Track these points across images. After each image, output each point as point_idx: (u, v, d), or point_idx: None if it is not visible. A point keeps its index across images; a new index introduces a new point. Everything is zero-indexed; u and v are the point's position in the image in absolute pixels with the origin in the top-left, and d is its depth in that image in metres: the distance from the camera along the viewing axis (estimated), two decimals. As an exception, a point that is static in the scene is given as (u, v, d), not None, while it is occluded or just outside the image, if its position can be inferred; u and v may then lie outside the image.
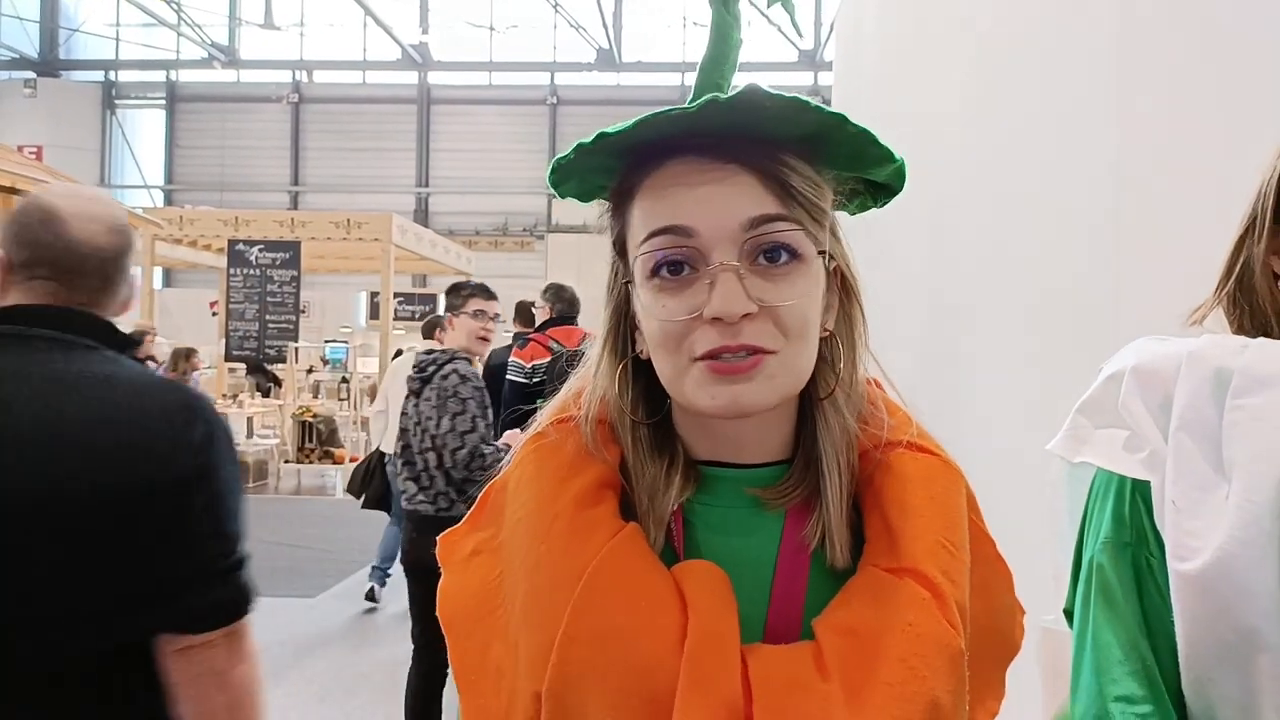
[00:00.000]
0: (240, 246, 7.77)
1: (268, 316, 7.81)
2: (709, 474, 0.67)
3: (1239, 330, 0.86)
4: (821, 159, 0.64)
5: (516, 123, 18.87)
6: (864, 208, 0.72)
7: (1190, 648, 0.76)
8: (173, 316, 11.72)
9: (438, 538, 0.70)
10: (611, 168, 0.65)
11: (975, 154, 2.22)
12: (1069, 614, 0.90)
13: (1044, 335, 1.68)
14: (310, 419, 8.09)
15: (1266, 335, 0.83)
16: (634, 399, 0.67)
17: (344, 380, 9.47)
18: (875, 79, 3.73)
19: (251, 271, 7.74)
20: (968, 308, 2.20)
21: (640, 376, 0.67)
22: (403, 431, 2.89)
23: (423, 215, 18.68)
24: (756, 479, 0.67)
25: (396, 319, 8.47)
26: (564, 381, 0.73)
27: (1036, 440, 1.00)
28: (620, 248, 0.66)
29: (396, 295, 10.99)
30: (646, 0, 18.32)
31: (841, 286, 0.68)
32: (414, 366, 2.92)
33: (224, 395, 8.86)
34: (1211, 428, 0.77)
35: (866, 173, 0.67)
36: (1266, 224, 0.82)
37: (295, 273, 8.04)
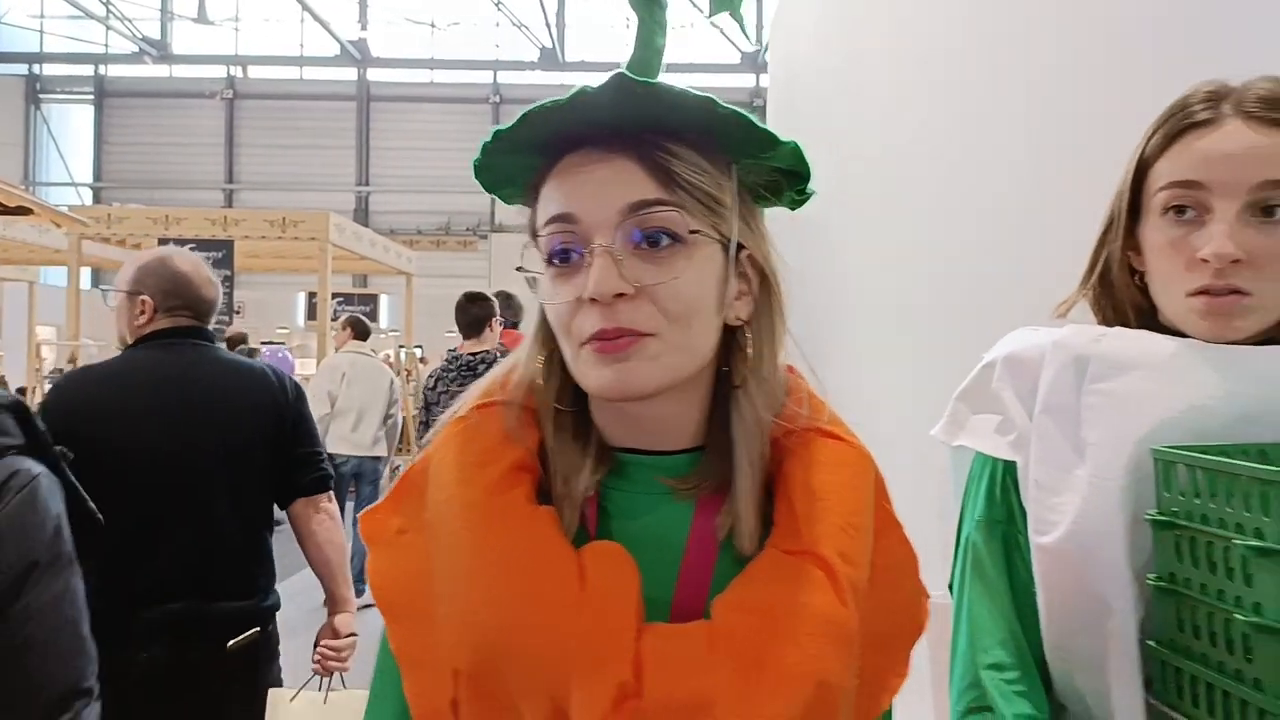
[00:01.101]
0: (170, 245, 7.59)
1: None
2: (624, 460, 0.69)
3: (1103, 322, 0.92)
4: (719, 147, 0.66)
5: (459, 121, 18.69)
6: (795, 203, 0.74)
7: (1049, 615, 0.82)
8: (101, 317, 11.35)
9: (359, 515, 0.71)
10: (531, 164, 0.68)
11: (900, 154, 2.30)
12: (952, 588, 0.96)
13: (946, 325, 1.75)
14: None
15: (1125, 326, 0.89)
16: (559, 387, 0.70)
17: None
18: (810, 83, 3.81)
19: (183, 271, 7.56)
20: (903, 307, 2.27)
21: (565, 364, 0.69)
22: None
23: (363, 214, 18.41)
24: (670, 466, 0.69)
25: (336, 319, 8.34)
26: None
27: (926, 429, 1.05)
28: (533, 235, 0.69)
29: (336, 295, 10.82)
30: (590, 0, 18.31)
31: (760, 277, 0.70)
32: (462, 365, 2.95)
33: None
34: (1071, 411, 0.83)
35: (765, 159, 0.69)
36: (1123, 222, 0.88)
37: (228, 272, 7.87)
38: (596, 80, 0.61)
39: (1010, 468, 0.89)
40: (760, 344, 0.69)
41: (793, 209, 0.74)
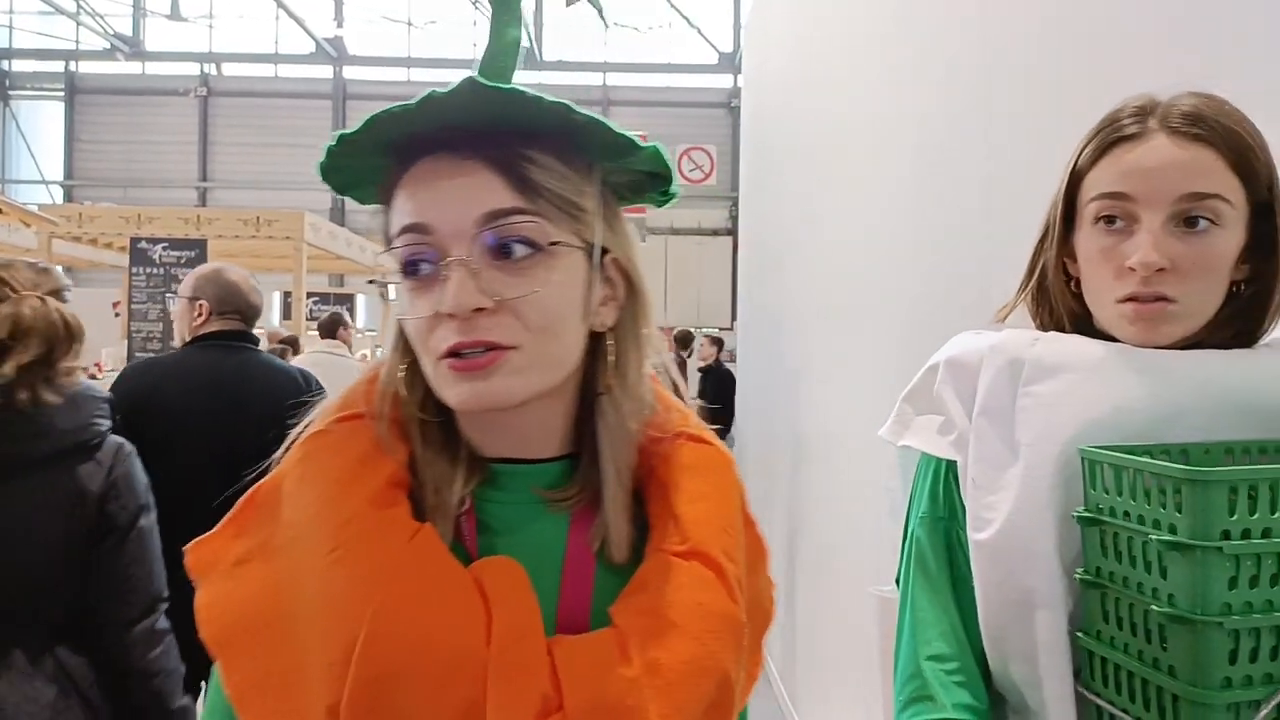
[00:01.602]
0: (143, 244, 7.50)
1: (172, 317, 7.59)
2: (497, 470, 0.68)
3: (1040, 326, 0.96)
4: (579, 150, 0.65)
5: (436, 120, 18.57)
6: (658, 203, 0.73)
7: (986, 608, 0.86)
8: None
9: (185, 547, 0.66)
10: (385, 166, 0.66)
11: (861, 158, 2.34)
12: (899, 583, 0.99)
13: (899, 328, 1.79)
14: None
15: (1061, 330, 0.93)
16: (423, 397, 0.67)
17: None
18: (782, 83, 3.84)
19: (155, 270, 7.49)
20: (853, 307, 2.31)
21: None
22: None
23: (339, 213, 18.27)
24: (543, 474, 0.68)
25: (311, 319, 8.29)
26: None
27: (875, 431, 1.08)
28: (389, 244, 0.66)
29: (311, 295, 10.75)
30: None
31: (625, 282, 0.69)
32: None
33: (128, 398, 8.52)
34: (1006, 412, 0.87)
35: (625, 161, 0.68)
36: (1058, 230, 0.92)
37: (203, 272, 7.82)
38: (575, 80, 0.61)
39: (953, 466, 0.93)
40: (626, 350, 0.69)
41: (658, 207, 0.75)
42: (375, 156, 0.65)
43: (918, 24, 2.00)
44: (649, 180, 0.71)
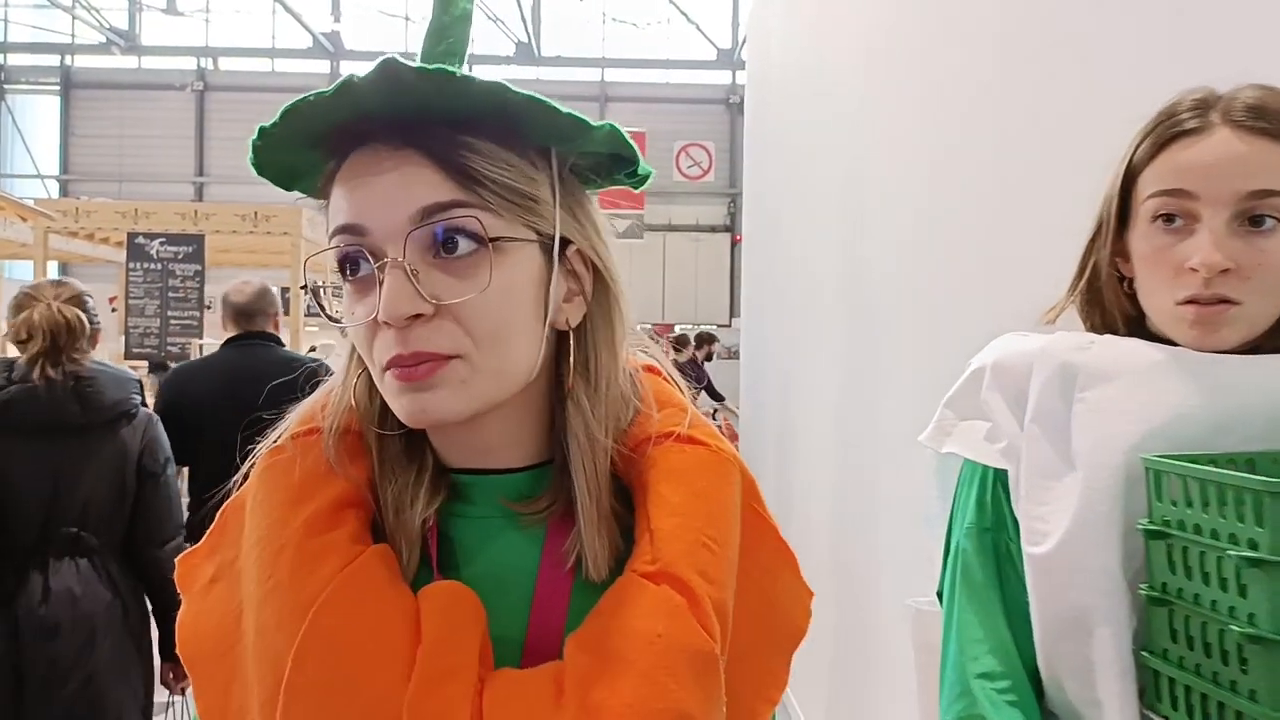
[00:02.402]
0: (140, 240, 7.44)
1: (170, 313, 7.51)
2: (463, 482, 0.63)
3: (1091, 328, 0.92)
4: (524, 137, 0.60)
5: (433, 115, 18.53)
6: (628, 184, 0.67)
7: (1041, 624, 0.82)
8: (69, 313, 11.14)
9: (176, 560, 0.64)
10: (321, 159, 0.61)
11: (878, 155, 2.30)
12: (941, 596, 0.95)
13: (902, 333, 1.75)
14: (217, 418, 7.78)
15: (1114, 333, 0.89)
16: (381, 408, 0.62)
17: (253, 378, 9.19)
18: (783, 79, 3.81)
19: (152, 266, 7.43)
20: (874, 307, 2.28)
21: None
22: None
23: (336, 209, 18.23)
24: (512, 485, 0.63)
25: (309, 315, 8.24)
26: None
27: (906, 434, 1.05)
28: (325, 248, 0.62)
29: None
30: (565, -6, 18.24)
31: (593, 274, 0.63)
32: None
33: (125, 395, 8.46)
34: (1060, 419, 0.83)
35: (578, 144, 0.62)
36: (1112, 228, 0.88)
37: (199, 267, 7.74)
38: (573, 75, 0.56)
39: (1000, 475, 0.89)
40: (595, 349, 0.63)
41: (636, 189, 0.68)
42: (304, 150, 0.60)
43: (929, 8, 1.96)
44: (612, 162, 0.65)
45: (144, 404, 2.14)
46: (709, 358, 8.65)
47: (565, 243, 0.61)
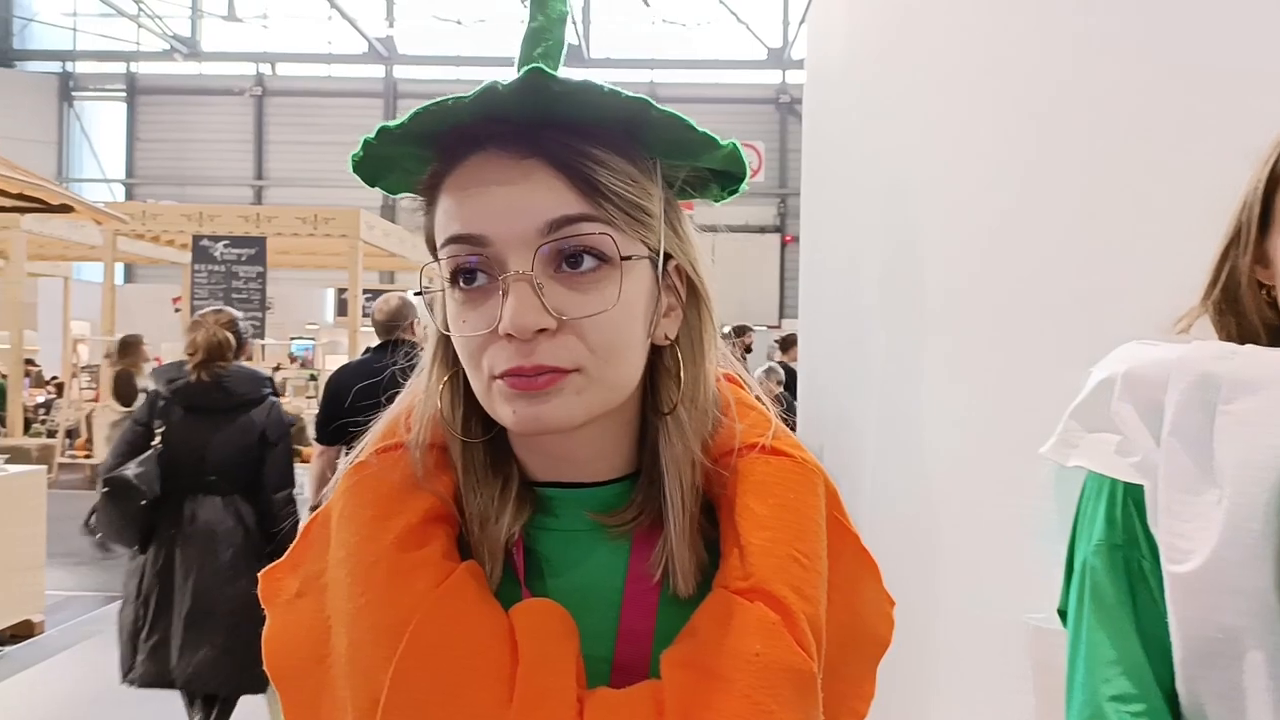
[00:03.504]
0: (205, 242, 7.64)
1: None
2: (549, 496, 0.62)
3: (1226, 337, 0.88)
4: (644, 148, 0.59)
5: (485, 118, 18.73)
6: (718, 197, 0.67)
7: (1183, 647, 0.79)
8: (132, 314, 11.49)
9: (259, 574, 0.64)
10: (426, 158, 0.60)
11: (949, 153, 2.25)
12: (1063, 614, 0.92)
13: (1017, 340, 1.71)
14: (278, 417, 7.96)
15: (1254, 342, 0.85)
16: (465, 415, 0.62)
17: (312, 378, 9.38)
18: (843, 79, 3.76)
19: (216, 268, 7.63)
20: (943, 311, 2.23)
21: (472, 390, 0.61)
22: None
23: (390, 210, 18.53)
24: (598, 498, 0.62)
25: (365, 316, 8.38)
26: None
27: (1018, 443, 1.02)
28: (432, 247, 0.60)
29: (364, 292, 10.89)
30: (615, -4, 18.29)
31: (687, 289, 0.63)
32: None
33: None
34: (1201, 433, 0.80)
35: (697, 160, 0.61)
36: (1252, 235, 0.85)
37: (261, 269, 7.93)
38: (623, 76, 0.55)
39: (1131, 490, 0.86)
40: (692, 364, 0.62)
41: (716, 202, 0.68)
42: (411, 145, 0.58)
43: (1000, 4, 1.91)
44: (713, 176, 0.64)
45: (274, 394, 3.01)
46: (748, 349, 8.30)
47: (667, 257, 0.60)
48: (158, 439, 2.83)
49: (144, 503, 2.75)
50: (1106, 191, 1.51)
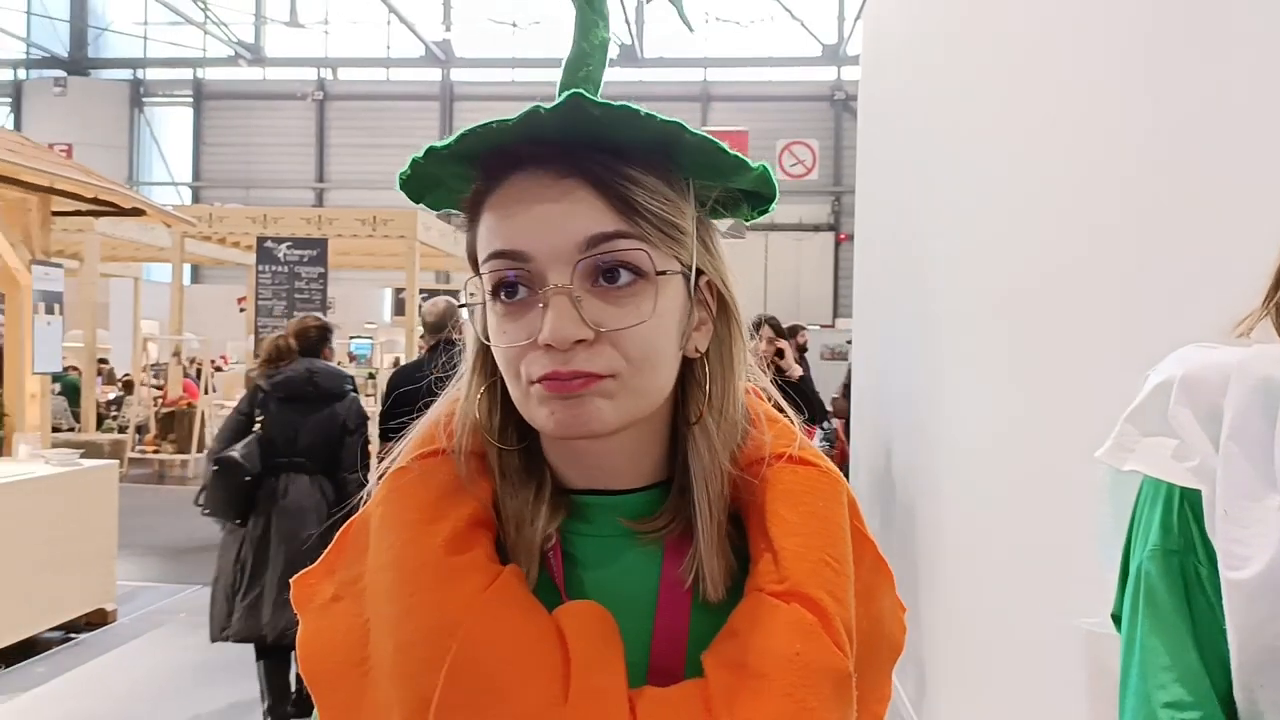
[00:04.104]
0: (269, 244, 7.85)
1: (297, 313, 7.92)
2: (582, 502, 0.64)
3: (1288, 340, 0.86)
4: (677, 168, 0.61)
5: (539, 119, 18.90)
6: (748, 217, 0.69)
7: (1241, 654, 0.77)
8: (198, 314, 11.86)
9: (291, 580, 0.64)
10: (470, 175, 0.62)
11: (1005, 150, 2.22)
12: (1116, 619, 0.91)
13: (1076, 343, 1.68)
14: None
15: (1318, 346, 0.84)
16: (501, 423, 0.64)
17: (370, 376, 9.57)
18: (900, 75, 3.71)
19: (280, 269, 7.83)
20: (1004, 310, 2.20)
21: (509, 398, 0.63)
22: None
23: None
24: (630, 505, 0.64)
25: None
26: None
27: (1074, 445, 1.01)
28: (474, 261, 0.62)
29: (420, 291, 11.08)
30: (669, -5, 18.29)
31: (717, 304, 0.65)
32: None
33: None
34: (1262, 438, 0.78)
35: (729, 181, 0.63)
36: (1317, 235, 0.83)
37: (322, 269, 8.12)
38: (676, 76, 0.56)
39: (1188, 495, 0.84)
40: (721, 377, 0.64)
41: (746, 221, 0.69)
42: (455, 164, 0.61)
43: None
44: (744, 196, 0.66)
45: (354, 390, 3.52)
46: (803, 349, 7.35)
47: (699, 273, 0.62)
48: (257, 425, 3.33)
49: (247, 479, 3.22)
50: (1171, 191, 1.48)
